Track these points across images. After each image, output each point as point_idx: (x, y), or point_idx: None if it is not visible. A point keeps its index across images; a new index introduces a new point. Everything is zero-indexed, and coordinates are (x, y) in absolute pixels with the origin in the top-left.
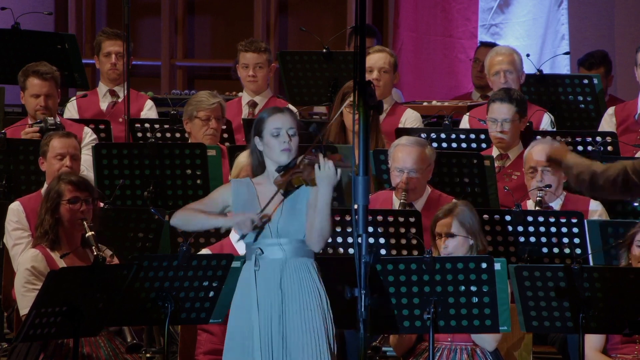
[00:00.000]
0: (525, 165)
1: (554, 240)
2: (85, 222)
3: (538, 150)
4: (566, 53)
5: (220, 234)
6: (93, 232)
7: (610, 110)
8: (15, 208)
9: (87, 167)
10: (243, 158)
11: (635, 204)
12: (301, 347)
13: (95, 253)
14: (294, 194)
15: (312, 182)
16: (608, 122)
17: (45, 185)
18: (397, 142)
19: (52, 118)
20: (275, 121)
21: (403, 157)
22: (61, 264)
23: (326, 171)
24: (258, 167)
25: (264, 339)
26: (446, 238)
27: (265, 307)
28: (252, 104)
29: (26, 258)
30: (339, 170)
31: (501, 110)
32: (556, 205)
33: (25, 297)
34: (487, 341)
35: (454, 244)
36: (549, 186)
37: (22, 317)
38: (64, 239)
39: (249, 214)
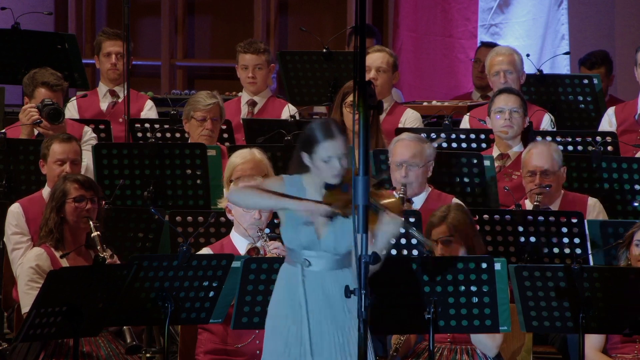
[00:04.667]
0: (523, 169)
1: (554, 240)
2: (91, 222)
3: (537, 154)
4: (566, 53)
5: (220, 234)
6: (99, 233)
7: (610, 110)
8: (15, 211)
9: (87, 159)
10: (235, 159)
11: (635, 204)
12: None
13: (100, 254)
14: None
15: (347, 215)
16: (608, 122)
17: (46, 187)
18: (397, 137)
19: (49, 100)
20: (328, 149)
21: (401, 151)
22: (65, 263)
23: (389, 227)
24: (299, 170)
25: (316, 345)
26: (443, 245)
27: (316, 314)
28: (252, 103)
29: (31, 256)
30: (400, 226)
31: (509, 99)
32: (555, 204)
33: (28, 295)
34: (489, 348)
35: (449, 252)
36: (549, 186)
37: (24, 315)
38: (68, 238)
39: (324, 206)
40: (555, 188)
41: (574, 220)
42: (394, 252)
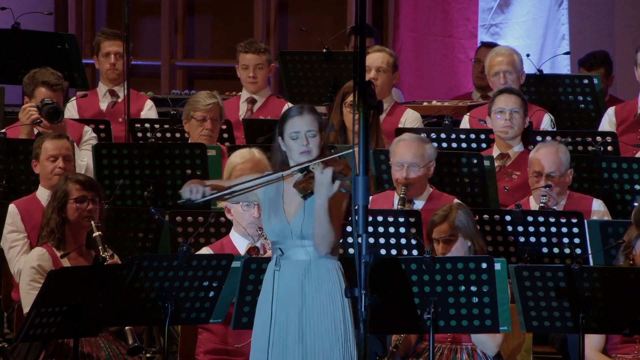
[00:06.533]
0: (530, 169)
1: (554, 240)
2: (93, 222)
3: (544, 156)
4: (566, 53)
5: (220, 234)
6: (100, 233)
7: (610, 110)
8: (10, 211)
9: (87, 159)
10: (235, 158)
11: (636, 204)
12: (319, 350)
13: (101, 254)
14: (314, 197)
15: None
16: (608, 122)
17: (40, 188)
18: (399, 138)
19: (49, 99)
20: (294, 124)
21: (403, 151)
22: (66, 263)
23: (322, 179)
24: (282, 165)
25: (278, 339)
26: (444, 244)
27: (283, 307)
28: (251, 100)
29: (33, 256)
30: (336, 180)
31: (509, 100)
32: (560, 206)
33: (29, 295)
34: (489, 347)
35: (451, 251)
36: (549, 186)
37: (25, 315)
38: (70, 238)
39: (203, 186)
40: (560, 190)
41: (574, 220)
42: (394, 252)
